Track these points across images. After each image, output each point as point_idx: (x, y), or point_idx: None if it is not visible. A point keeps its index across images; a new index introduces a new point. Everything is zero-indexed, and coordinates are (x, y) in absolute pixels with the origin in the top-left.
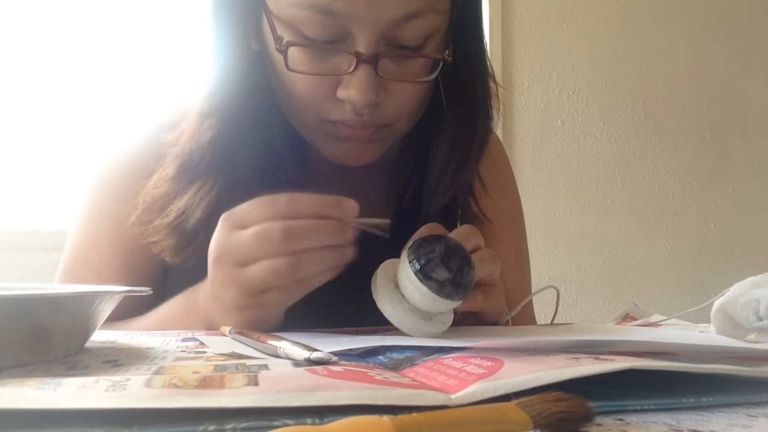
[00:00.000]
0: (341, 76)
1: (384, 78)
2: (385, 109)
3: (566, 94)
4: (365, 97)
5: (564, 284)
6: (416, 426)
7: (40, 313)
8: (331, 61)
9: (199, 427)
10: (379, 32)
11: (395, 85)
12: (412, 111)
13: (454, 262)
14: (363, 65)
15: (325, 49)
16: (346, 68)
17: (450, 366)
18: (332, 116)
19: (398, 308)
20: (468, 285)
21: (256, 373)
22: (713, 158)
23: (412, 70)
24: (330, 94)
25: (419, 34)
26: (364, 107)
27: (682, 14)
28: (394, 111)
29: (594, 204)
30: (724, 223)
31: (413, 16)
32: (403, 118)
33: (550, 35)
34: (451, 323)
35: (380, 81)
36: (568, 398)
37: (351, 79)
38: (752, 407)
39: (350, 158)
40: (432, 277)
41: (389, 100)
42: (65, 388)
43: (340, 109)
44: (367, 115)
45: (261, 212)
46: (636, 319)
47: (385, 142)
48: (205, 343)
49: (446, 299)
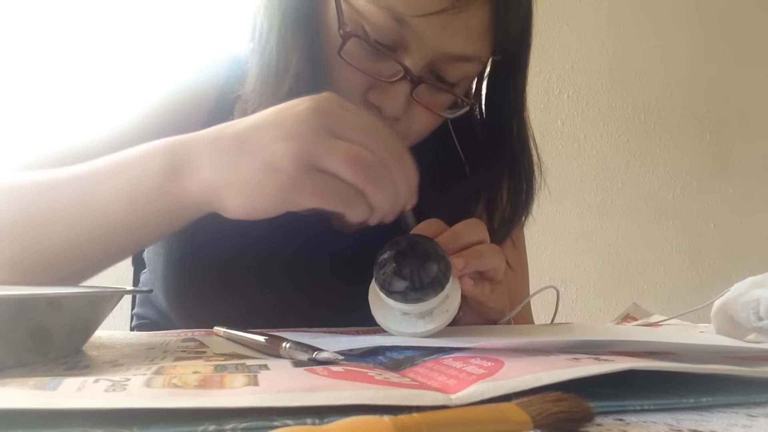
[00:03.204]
0: (380, 80)
1: (414, 101)
2: (400, 126)
3: (566, 94)
4: (395, 109)
5: (564, 284)
6: (416, 426)
7: (40, 313)
8: (378, 63)
9: (199, 427)
10: (431, 58)
11: (418, 109)
12: (419, 137)
13: (407, 267)
14: (405, 81)
15: (377, 51)
16: (388, 76)
17: (450, 366)
18: None
19: (392, 317)
20: (434, 280)
21: (256, 373)
22: (713, 158)
23: (438, 101)
24: (361, 93)
25: (459, 75)
26: (388, 118)
27: (682, 14)
28: (406, 130)
29: (594, 204)
30: (724, 223)
31: (465, 58)
32: (411, 138)
33: (550, 35)
34: (454, 308)
35: (410, 101)
36: (568, 398)
37: (388, 88)
38: (752, 407)
39: None
40: (393, 291)
41: (406, 121)
42: (65, 388)
43: (365, 106)
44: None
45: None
46: (636, 319)
47: None
48: (205, 343)
49: (417, 303)
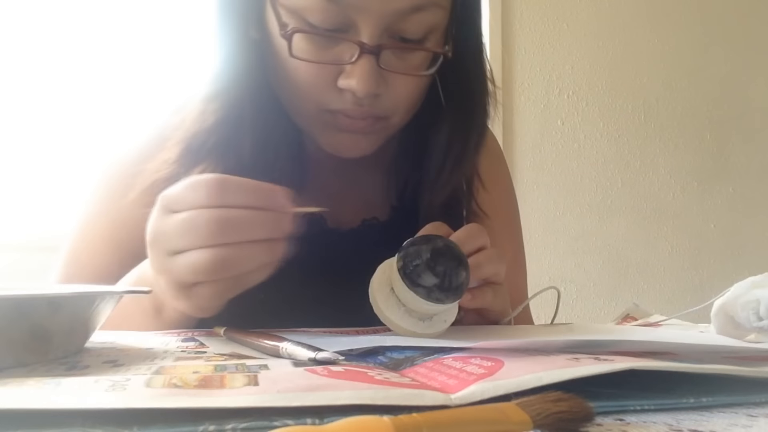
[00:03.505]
0: (343, 65)
1: (385, 70)
2: (384, 100)
3: (566, 94)
4: (366, 87)
5: (564, 284)
6: (416, 426)
7: (40, 313)
8: (334, 50)
9: (199, 427)
10: (384, 23)
11: (395, 77)
12: (409, 104)
13: (441, 266)
14: (366, 56)
15: (328, 38)
16: (348, 58)
17: (450, 366)
18: (332, 105)
19: (394, 312)
20: (459, 287)
21: (256, 373)
22: (713, 158)
23: (412, 63)
24: (331, 83)
25: (421, 28)
26: (365, 97)
27: (682, 14)
28: (392, 103)
29: (594, 204)
30: (724, 223)
31: (417, 8)
32: (400, 110)
33: (550, 35)
34: (453, 320)
35: (381, 73)
36: (568, 398)
37: (353, 69)
38: (752, 407)
39: (346, 149)
40: (419, 284)
41: (388, 92)
42: (65, 388)
43: (341, 99)
44: (366, 106)
45: (193, 196)
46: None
47: (380, 134)
48: (205, 343)
49: (436, 303)
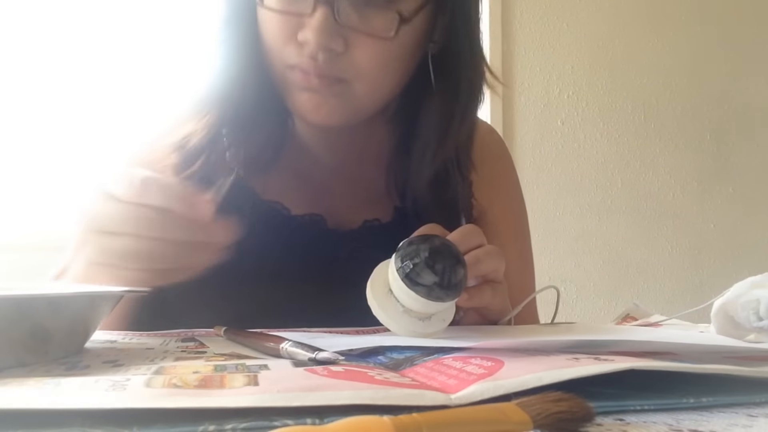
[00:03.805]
0: (303, 18)
1: (343, 27)
2: (344, 61)
3: (566, 94)
4: (320, 38)
5: (564, 284)
6: (416, 426)
7: (40, 313)
8: (296, 3)
9: (199, 427)
10: None
11: (356, 38)
12: (373, 72)
13: (440, 264)
14: (321, 7)
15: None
16: (307, 9)
17: (450, 366)
18: (291, 60)
19: (392, 312)
20: (458, 284)
21: (256, 373)
22: (713, 158)
23: (374, 25)
24: (291, 36)
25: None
26: (319, 51)
27: (682, 14)
28: (352, 65)
29: (594, 204)
30: (724, 223)
31: None
32: (363, 77)
33: (550, 35)
34: (451, 319)
35: (338, 29)
36: (568, 398)
37: (309, 21)
38: (752, 407)
39: (309, 111)
40: (418, 283)
41: (348, 53)
42: (65, 388)
43: (300, 53)
44: (321, 62)
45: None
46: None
47: (345, 102)
48: (205, 343)
49: (436, 302)
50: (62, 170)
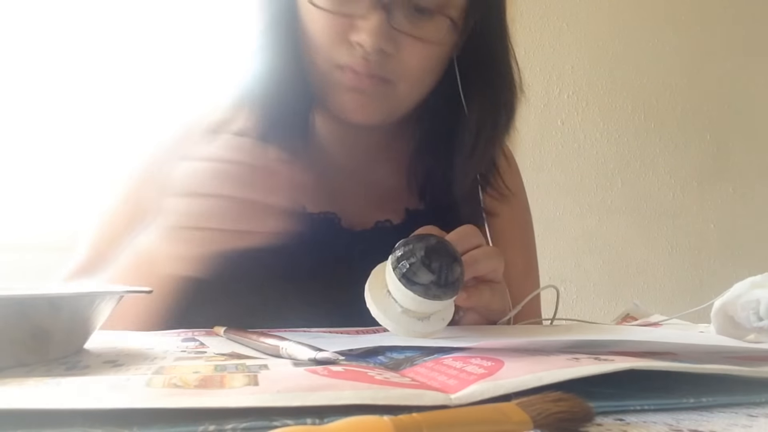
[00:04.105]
0: (356, 19)
1: (397, 31)
2: (392, 62)
3: (566, 94)
4: (375, 40)
5: (564, 284)
6: (416, 426)
7: (40, 313)
8: (351, 4)
9: (199, 427)
10: None
11: (406, 41)
12: (418, 74)
13: (436, 262)
14: (377, 11)
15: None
16: (362, 11)
17: (450, 366)
18: (343, 60)
19: (391, 313)
20: (455, 282)
21: (256, 373)
22: (713, 158)
23: (426, 31)
24: (343, 37)
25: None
26: (373, 52)
27: (682, 14)
28: (401, 67)
29: (594, 204)
30: (724, 223)
31: None
32: (408, 78)
33: (550, 35)
34: (450, 318)
35: (392, 33)
36: (568, 398)
37: (364, 23)
38: (752, 407)
39: (352, 111)
40: (415, 282)
41: (398, 55)
42: (65, 388)
43: (351, 53)
44: (373, 62)
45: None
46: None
47: (386, 102)
48: (205, 343)
49: (434, 300)
50: (63, 170)
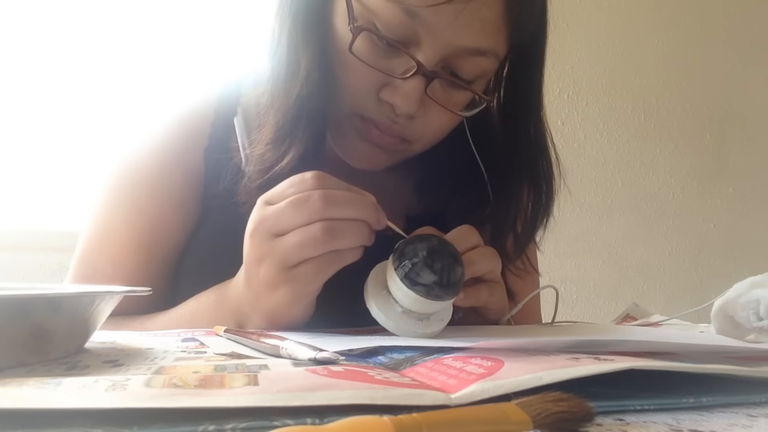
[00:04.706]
0: (393, 78)
1: (428, 97)
2: (416, 125)
3: (566, 94)
4: (409, 106)
5: (564, 284)
6: (416, 426)
7: (40, 313)
8: (390, 60)
9: (199, 427)
10: (446, 53)
11: (432, 107)
12: (435, 137)
13: (438, 263)
14: (419, 76)
15: (389, 45)
16: (401, 72)
17: (450, 366)
18: (367, 113)
19: (391, 313)
20: (457, 282)
21: (256, 373)
22: (713, 158)
23: (454, 100)
24: (374, 91)
25: (475, 70)
26: (403, 116)
27: (682, 14)
28: (422, 130)
29: (594, 204)
30: (724, 223)
31: (479, 52)
32: (425, 139)
33: (550, 35)
34: (449, 319)
35: (424, 98)
36: (568, 398)
37: (402, 85)
38: (752, 407)
39: (360, 159)
40: (418, 282)
41: (423, 119)
42: (65, 388)
43: (378, 109)
44: (399, 125)
45: (295, 187)
46: (636, 319)
47: (397, 156)
48: (205, 343)
49: (436, 301)
50: (63, 170)
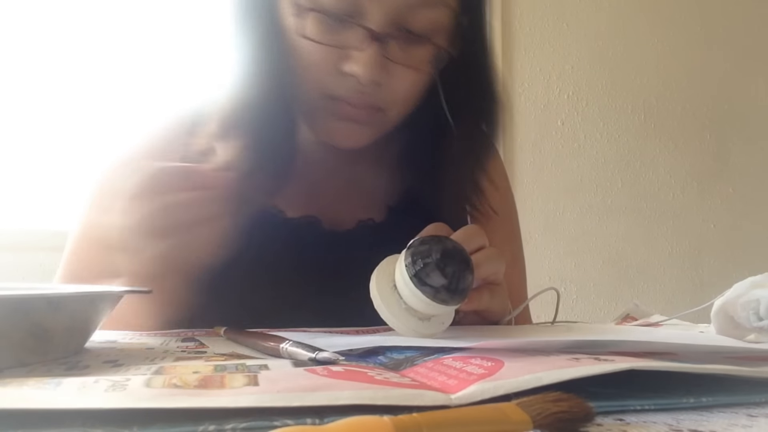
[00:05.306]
0: (349, 50)
1: (389, 60)
2: (384, 91)
3: (566, 94)
4: (371, 73)
5: (564, 284)
6: (416, 426)
7: (40, 313)
8: (342, 34)
9: (199, 427)
10: (393, 13)
11: (396, 69)
12: (407, 99)
13: (450, 267)
14: (373, 42)
15: (337, 22)
16: (356, 43)
17: (450, 366)
18: (335, 91)
19: (395, 309)
20: (465, 290)
21: (256, 373)
22: (713, 158)
23: (415, 58)
24: (335, 68)
25: (428, 24)
26: (368, 85)
27: (682, 14)
28: (391, 95)
29: (594, 204)
30: (724, 223)
31: (426, 4)
32: (398, 104)
33: (550, 35)
34: (449, 323)
35: (384, 62)
36: (568, 398)
37: (359, 55)
38: (752, 407)
39: (341, 138)
40: (427, 283)
41: (389, 83)
42: (65, 388)
43: (343, 84)
44: (368, 94)
45: None
46: (636, 319)
47: (376, 127)
48: (205, 343)
49: (441, 304)
50: (62, 170)
